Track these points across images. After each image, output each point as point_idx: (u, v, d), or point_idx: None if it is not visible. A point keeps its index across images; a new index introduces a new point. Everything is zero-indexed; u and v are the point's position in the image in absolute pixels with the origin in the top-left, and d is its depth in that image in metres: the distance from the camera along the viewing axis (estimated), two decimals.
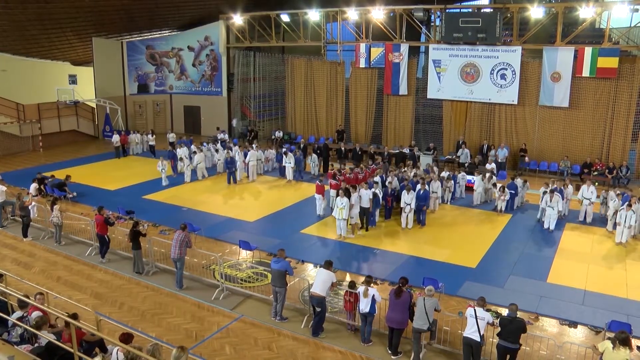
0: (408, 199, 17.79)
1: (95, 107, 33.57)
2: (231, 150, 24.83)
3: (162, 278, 14.09)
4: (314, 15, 29.21)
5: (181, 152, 24.46)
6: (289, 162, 23.83)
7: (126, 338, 8.56)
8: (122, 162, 27.52)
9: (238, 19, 31.51)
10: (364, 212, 17.55)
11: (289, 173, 23.89)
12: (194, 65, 34.72)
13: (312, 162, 24.90)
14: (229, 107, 34.31)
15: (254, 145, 25.12)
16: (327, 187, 19.71)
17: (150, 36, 34.65)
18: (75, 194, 21.09)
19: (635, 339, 10.18)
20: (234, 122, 33.17)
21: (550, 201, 17.88)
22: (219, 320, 11.98)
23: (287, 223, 18.47)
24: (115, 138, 28.47)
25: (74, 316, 8.73)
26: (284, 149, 25.44)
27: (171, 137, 29.21)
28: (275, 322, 11.88)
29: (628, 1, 22.40)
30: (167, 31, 34.53)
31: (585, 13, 23.33)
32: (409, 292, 10.69)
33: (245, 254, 15.68)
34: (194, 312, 12.39)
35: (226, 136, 30.03)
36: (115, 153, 28.43)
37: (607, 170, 23.50)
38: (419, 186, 18.39)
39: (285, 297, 12.02)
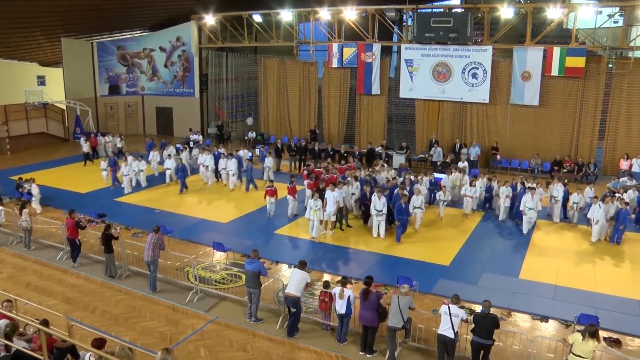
0: (379, 205, 16.88)
1: (65, 108, 33.02)
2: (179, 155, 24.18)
3: (136, 281, 13.94)
4: (286, 15, 29.16)
5: (151, 156, 24.02)
6: (230, 168, 22.31)
7: (99, 343, 8.45)
8: (93, 165, 27.03)
9: (210, 19, 31.30)
10: (340, 211, 17.57)
11: (231, 180, 22.45)
12: (165, 66, 34.39)
13: (267, 167, 23.31)
14: (202, 108, 34.07)
15: (221, 150, 23.95)
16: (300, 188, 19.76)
17: (121, 37, 34.21)
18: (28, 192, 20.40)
19: (602, 330, 10.42)
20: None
21: (532, 200, 17.49)
22: (194, 323, 11.91)
23: (261, 224, 18.43)
24: (84, 142, 27.21)
25: (45, 322, 8.59)
26: (222, 151, 23.78)
27: (118, 142, 27.95)
28: (250, 323, 11.85)
29: (593, 3, 22.91)
30: (138, 32, 34.15)
31: (553, 14, 23.79)
32: (376, 293, 10.73)
33: (219, 256, 15.61)
34: (168, 315, 12.29)
35: (199, 137, 29.82)
36: (83, 157, 27.17)
37: (576, 168, 23.96)
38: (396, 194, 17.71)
39: (260, 298, 12.00)
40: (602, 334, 10.55)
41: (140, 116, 35.91)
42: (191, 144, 28.12)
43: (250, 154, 24.80)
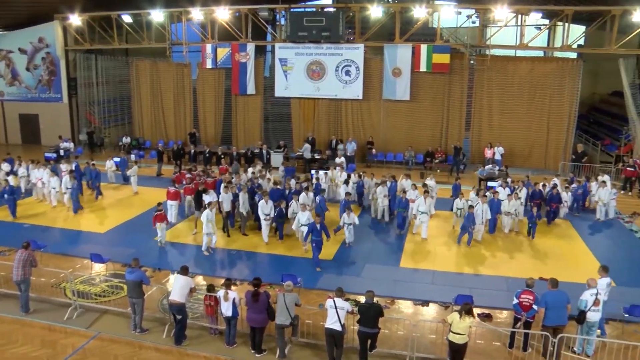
0: (267, 209, 16.70)
1: None
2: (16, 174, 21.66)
3: (4, 304, 12.86)
4: (157, 15, 28.29)
5: None
6: (68, 186, 19.73)
7: None
8: None
9: (76, 20, 29.56)
10: (226, 215, 17.39)
11: (67, 199, 20.01)
12: (28, 69, 32.07)
13: (130, 175, 22.43)
14: (72, 114, 32.19)
15: (63, 166, 21.81)
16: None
17: None
18: None
19: (476, 307, 11.29)
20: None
21: (425, 203, 17.12)
22: (74, 342, 11.27)
23: (140, 231, 17.71)
24: None
25: None
26: (63, 167, 21.67)
27: None
28: (135, 335, 11.45)
29: (453, 4, 24.52)
30: None
31: (418, 13, 25.17)
32: (265, 293, 10.81)
33: (98, 268, 14.90)
34: (44, 336, 11.53)
35: (70, 145, 28.21)
36: None
37: (446, 158, 25.48)
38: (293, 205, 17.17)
39: (144, 307, 11.63)
40: (476, 310, 11.46)
41: (0, 124, 33.23)
42: (61, 152, 26.57)
43: (118, 160, 23.88)
